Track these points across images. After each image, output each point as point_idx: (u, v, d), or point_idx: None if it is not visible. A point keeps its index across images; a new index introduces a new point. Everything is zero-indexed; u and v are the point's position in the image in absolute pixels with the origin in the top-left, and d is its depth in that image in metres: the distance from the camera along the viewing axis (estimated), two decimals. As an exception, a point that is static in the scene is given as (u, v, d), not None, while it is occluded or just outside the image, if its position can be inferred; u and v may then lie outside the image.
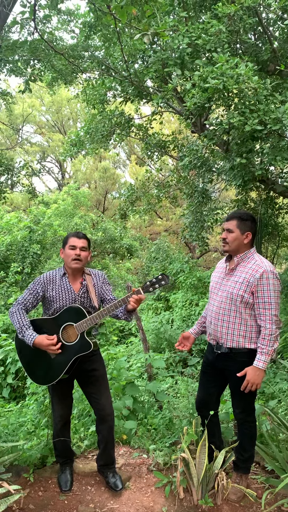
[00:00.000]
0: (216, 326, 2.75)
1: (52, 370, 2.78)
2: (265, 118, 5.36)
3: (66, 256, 2.85)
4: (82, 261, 2.84)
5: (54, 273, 2.90)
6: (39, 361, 2.80)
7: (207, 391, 2.95)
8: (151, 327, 8.34)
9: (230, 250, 2.75)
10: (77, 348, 2.75)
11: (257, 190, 9.36)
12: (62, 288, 2.84)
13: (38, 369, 2.83)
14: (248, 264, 2.69)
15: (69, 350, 2.75)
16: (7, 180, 10.47)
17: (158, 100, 6.28)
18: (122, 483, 2.97)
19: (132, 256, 16.64)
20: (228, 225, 2.74)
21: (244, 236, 2.70)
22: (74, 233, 2.92)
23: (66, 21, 8.71)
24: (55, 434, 3.02)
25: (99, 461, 3.06)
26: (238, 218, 2.71)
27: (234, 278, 2.71)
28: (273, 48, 7.05)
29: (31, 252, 11.70)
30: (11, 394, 5.90)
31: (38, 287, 2.84)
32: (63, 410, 2.98)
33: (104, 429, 2.95)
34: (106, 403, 2.93)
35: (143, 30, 2.57)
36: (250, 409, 2.84)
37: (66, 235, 2.96)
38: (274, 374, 5.31)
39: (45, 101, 24.91)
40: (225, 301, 2.72)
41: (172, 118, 20.92)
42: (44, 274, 2.90)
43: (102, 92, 9.16)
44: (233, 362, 2.73)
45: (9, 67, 7.86)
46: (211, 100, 5.73)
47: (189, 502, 2.79)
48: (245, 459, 2.87)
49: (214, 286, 2.87)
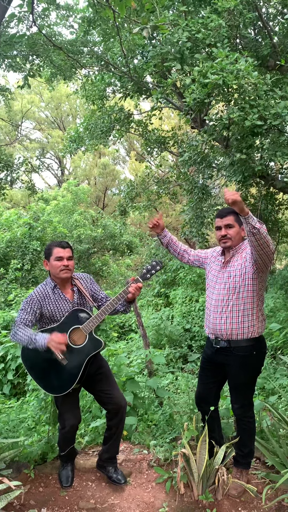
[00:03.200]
0: (215, 319, 2.76)
1: (67, 375, 2.75)
2: (265, 114, 5.33)
3: (53, 268, 2.80)
4: (70, 270, 2.82)
5: (44, 288, 2.85)
6: (52, 371, 2.76)
7: (206, 386, 2.95)
8: (151, 323, 8.33)
9: (233, 245, 2.77)
10: (89, 348, 2.75)
11: (257, 186, 9.34)
12: (58, 300, 2.82)
13: (53, 379, 2.79)
14: (242, 253, 2.76)
15: (81, 352, 2.75)
16: (7, 176, 10.45)
17: (158, 95, 6.25)
18: (124, 477, 2.98)
19: (132, 253, 16.63)
20: (226, 221, 2.76)
21: (241, 229, 2.77)
22: (57, 243, 2.87)
23: (64, 16, 8.67)
24: (62, 439, 2.97)
25: (105, 455, 3.03)
26: (233, 213, 2.75)
27: (230, 269, 2.75)
28: (273, 43, 7.02)
29: (31, 249, 11.70)
30: (12, 391, 5.90)
31: (34, 305, 2.78)
32: (74, 421, 2.91)
33: (118, 422, 2.94)
34: (119, 395, 2.93)
35: (142, 24, 2.55)
36: (248, 404, 2.85)
37: (48, 246, 2.88)
38: (274, 370, 5.31)
39: (44, 97, 24.83)
40: (223, 293, 2.74)
41: (172, 114, 20.87)
42: (35, 291, 2.84)
43: (101, 87, 9.13)
44: (232, 356, 2.74)
45: (8, 63, 7.83)
46: (211, 96, 5.70)
47: (189, 497, 2.79)
48: (244, 454, 2.87)
49: (211, 280, 2.89)
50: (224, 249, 2.84)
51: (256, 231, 2.39)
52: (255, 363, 2.79)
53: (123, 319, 10.38)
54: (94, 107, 9.81)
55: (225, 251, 2.86)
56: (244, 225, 2.43)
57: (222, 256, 2.88)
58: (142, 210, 11.49)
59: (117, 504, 2.80)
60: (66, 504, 2.80)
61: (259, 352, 2.77)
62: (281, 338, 6.13)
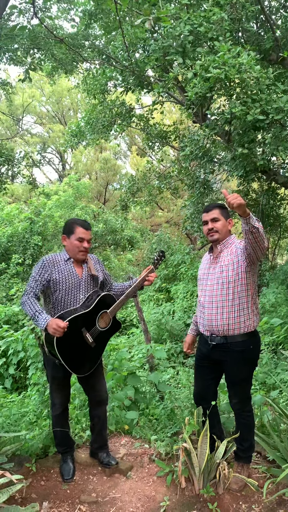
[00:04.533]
0: (211, 315, 2.75)
1: (94, 356, 2.89)
2: (267, 108, 5.31)
3: (73, 247, 2.83)
4: (88, 252, 2.89)
5: (58, 256, 2.88)
6: (80, 353, 2.81)
7: (205, 384, 2.95)
8: (153, 318, 8.34)
9: (221, 238, 2.79)
10: (111, 330, 2.93)
11: (258, 181, 9.31)
12: (67, 272, 2.83)
13: (81, 361, 2.83)
14: (230, 247, 2.78)
15: (106, 334, 2.92)
16: (8, 171, 10.43)
17: (159, 90, 6.21)
18: (115, 459, 3.09)
19: (133, 248, 16.62)
20: (211, 215, 2.80)
21: (228, 222, 2.82)
22: (81, 222, 2.87)
23: (66, 9, 8.61)
24: (54, 422, 3.05)
25: (95, 444, 3.15)
26: (218, 207, 2.82)
27: (221, 263, 2.75)
28: (276, 36, 6.97)
29: (32, 244, 11.70)
30: (13, 385, 5.92)
31: (43, 271, 2.79)
32: (62, 399, 3.00)
33: (101, 412, 3.07)
34: (102, 389, 3.05)
35: (145, 16, 2.53)
36: (246, 399, 2.86)
37: (71, 222, 2.88)
38: (276, 364, 5.32)
39: (45, 91, 24.71)
40: (217, 288, 2.73)
41: (174, 108, 20.76)
42: (46, 256, 2.85)
43: (102, 82, 9.08)
44: (230, 352, 2.73)
45: (9, 56, 7.78)
46: (213, 90, 5.67)
47: (190, 491, 2.80)
48: (245, 448, 2.88)
49: (202, 277, 2.90)
50: (212, 243, 2.84)
51: (255, 230, 2.41)
52: (252, 357, 2.79)
53: (124, 314, 10.39)
54: (96, 101, 9.76)
55: (213, 247, 2.87)
56: (244, 225, 2.44)
57: (210, 253, 2.89)
58: (144, 205, 11.48)
59: (118, 498, 2.81)
60: (68, 497, 2.81)
61: (255, 346, 2.79)
62: (282, 333, 6.13)
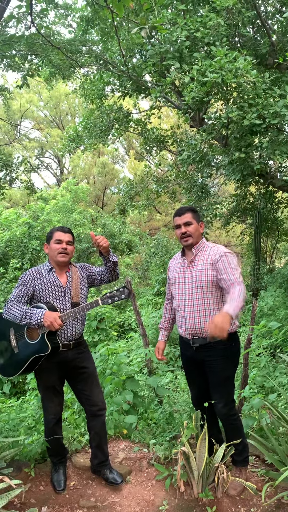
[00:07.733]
0: (193, 319, 2.74)
1: (15, 364, 2.82)
2: (264, 112, 5.34)
3: (52, 250, 2.83)
4: (68, 254, 2.83)
5: (40, 268, 2.87)
6: (6, 352, 2.87)
7: (200, 386, 2.95)
8: (151, 322, 8.34)
9: (194, 242, 2.79)
10: (36, 348, 2.72)
11: (256, 185, 9.36)
12: (50, 282, 2.81)
13: (4, 360, 2.90)
14: (205, 252, 2.78)
15: (30, 348, 2.75)
16: (6, 176, 10.44)
17: (157, 94, 6.25)
18: (121, 476, 2.96)
19: (131, 252, 16.64)
20: (184, 218, 2.79)
21: (199, 225, 2.83)
22: (59, 227, 2.89)
23: (63, 15, 8.66)
24: (48, 433, 2.96)
25: (95, 460, 3.01)
26: (190, 211, 2.83)
27: (197, 268, 2.75)
28: (272, 41, 7.02)
29: (30, 248, 11.71)
30: (12, 390, 5.92)
31: (27, 283, 2.78)
32: (56, 409, 2.94)
33: (97, 425, 2.94)
34: (98, 400, 2.92)
35: (141, 24, 2.55)
36: (231, 401, 2.86)
37: (50, 230, 2.92)
38: (274, 368, 5.32)
39: (43, 96, 24.80)
40: (196, 292, 2.73)
41: (171, 113, 20.85)
42: (30, 270, 2.85)
43: (100, 87, 9.13)
44: (213, 350, 2.73)
45: (6, 62, 7.82)
46: (210, 94, 5.71)
47: (189, 495, 2.80)
48: (240, 451, 2.88)
49: (178, 281, 2.87)
50: (186, 247, 2.84)
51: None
52: (234, 353, 2.80)
53: (123, 318, 10.39)
54: (93, 106, 9.81)
55: (186, 251, 2.86)
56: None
57: (184, 257, 2.87)
58: (142, 209, 11.50)
59: (117, 502, 2.81)
60: (67, 502, 2.81)
61: (236, 343, 2.80)
62: (280, 337, 6.13)
